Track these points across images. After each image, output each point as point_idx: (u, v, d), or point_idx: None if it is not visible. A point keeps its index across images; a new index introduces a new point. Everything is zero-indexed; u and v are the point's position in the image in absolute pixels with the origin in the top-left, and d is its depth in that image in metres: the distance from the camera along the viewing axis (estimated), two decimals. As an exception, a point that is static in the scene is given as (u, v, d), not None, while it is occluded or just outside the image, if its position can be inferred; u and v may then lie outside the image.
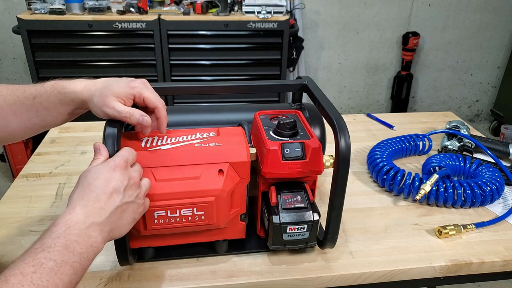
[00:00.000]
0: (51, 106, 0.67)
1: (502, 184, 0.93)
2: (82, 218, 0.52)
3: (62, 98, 0.67)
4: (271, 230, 0.71)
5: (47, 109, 0.67)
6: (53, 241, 0.48)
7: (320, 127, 0.87)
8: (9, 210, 0.87)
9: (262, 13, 2.29)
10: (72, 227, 0.51)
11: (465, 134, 1.12)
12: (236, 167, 0.69)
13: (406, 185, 0.94)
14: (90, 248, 0.52)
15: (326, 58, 3.05)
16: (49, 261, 0.46)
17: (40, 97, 0.67)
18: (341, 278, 0.75)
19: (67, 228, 0.50)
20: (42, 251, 0.47)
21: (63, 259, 0.47)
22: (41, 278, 0.45)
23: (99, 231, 0.53)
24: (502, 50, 3.21)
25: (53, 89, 0.67)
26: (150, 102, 0.66)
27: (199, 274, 0.73)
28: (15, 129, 0.68)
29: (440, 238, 0.83)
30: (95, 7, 2.23)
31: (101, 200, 0.55)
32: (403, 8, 2.96)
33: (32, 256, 0.46)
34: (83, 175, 0.58)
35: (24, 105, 0.67)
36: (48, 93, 0.67)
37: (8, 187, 0.95)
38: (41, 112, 0.67)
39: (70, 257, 0.48)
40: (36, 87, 0.68)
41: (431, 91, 3.30)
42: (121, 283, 0.71)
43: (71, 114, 0.70)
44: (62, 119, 0.70)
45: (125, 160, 0.60)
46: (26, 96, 0.67)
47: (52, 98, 0.67)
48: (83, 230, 0.51)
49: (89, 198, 0.54)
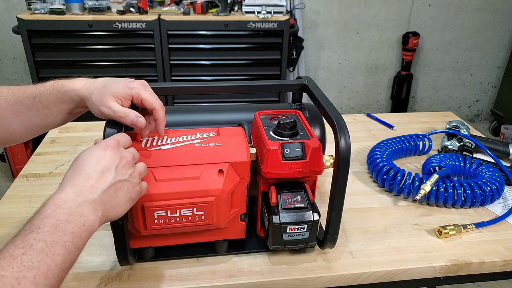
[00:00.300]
0: (51, 104, 0.67)
1: (502, 184, 0.93)
2: (72, 196, 0.51)
3: (62, 96, 0.67)
4: (271, 230, 0.71)
5: (47, 108, 0.67)
6: (42, 221, 0.47)
7: (320, 127, 0.87)
8: (9, 210, 0.87)
9: (262, 13, 2.29)
10: (62, 206, 0.50)
11: (465, 134, 1.12)
12: (236, 167, 0.69)
13: (406, 185, 0.94)
14: (83, 227, 0.50)
15: (326, 58, 3.05)
16: (39, 241, 0.45)
17: (40, 96, 0.67)
18: (341, 278, 0.75)
19: (56, 207, 0.49)
20: (31, 232, 0.46)
21: (53, 239, 0.46)
22: (31, 259, 0.43)
23: (92, 209, 0.52)
24: (502, 50, 3.21)
25: (53, 88, 0.67)
26: (148, 103, 0.66)
27: (199, 274, 0.73)
28: (16, 130, 0.68)
29: (440, 238, 0.83)
30: (95, 7, 2.23)
31: (92, 178, 0.54)
32: (403, 8, 2.96)
33: (21, 238, 0.45)
34: (76, 158, 0.57)
35: (24, 105, 0.67)
36: (48, 92, 0.67)
37: (8, 187, 0.95)
38: (41, 111, 0.67)
39: (61, 236, 0.47)
40: (36, 87, 0.68)
41: (431, 91, 3.30)
42: (121, 283, 0.71)
43: (70, 114, 0.70)
44: (62, 118, 0.70)
45: (117, 140, 0.59)
46: (27, 96, 0.67)
47: (52, 97, 0.67)
48: (73, 208, 0.50)
49: (80, 177, 0.54)
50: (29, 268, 0.43)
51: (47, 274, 0.44)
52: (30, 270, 0.43)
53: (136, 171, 0.60)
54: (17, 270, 0.42)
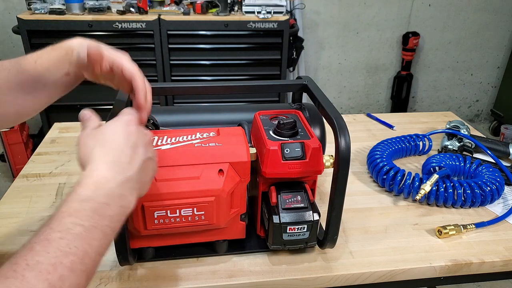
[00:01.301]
0: (51, 64, 0.66)
1: (502, 184, 0.93)
2: (111, 174, 0.48)
3: (59, 52, 0.66)
4: (271, 230, 0.71)
5: (47, 70, 0.66)
6: (81, 204, 0.45)
7: (320, 127, 0.87)
8: (9, 210, 0.87)
9: (262, 13, 2.29)
10: (101, 187, 0.47)
11: (465, 134, 1.12)
12: (236, 167, 0.69)
13: (406, 185, 0.94)
14: (121, 209, 0.48)
15: (326, 58, 3.05)
16: (77, 226, 0.43)
17: (41, 59, 0.66)
18: (341, 278, 0.75)
19: (96, 189, 0.46)
20: (69, 216, 0.43)
21: (92, 223, 0.44)
22: (69, 244, 0.41)
23: (130, 189, 0.50)
24: (502, 50, 3.21)
25: (52, 48, 0.67)
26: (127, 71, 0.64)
27: (199, 274, 0.73)
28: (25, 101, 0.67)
29: (440, 238, 0.83)
30: (95, 7, 2.23)
31: (127, 154, 0.51)
32: (403, 8, 2.96)
33: (58, 220, 0.43)
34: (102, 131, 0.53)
35: (27, 72, 0.65)
36: (48, 52, 0.66)
37: (8, 187, 0.95)
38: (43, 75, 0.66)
39: (99, 220, 0.45)
40: (35, 53, 0.67)
41: (431, 91, 3.30)
42: (121, 283, 0.71)
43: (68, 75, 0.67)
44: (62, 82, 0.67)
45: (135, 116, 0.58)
46: (29, 62, 0.66)
47: (52, 56, 0.66)
48: (114, 189, 0.48)
49: (114, 154, 0.50)
50: (66, 254, 0.41)
51: (83, 259, 0.42)
52: (67, 255, 0.41)
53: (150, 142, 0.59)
54: (53, 255, 0.40)
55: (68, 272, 0.40)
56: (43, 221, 0.84)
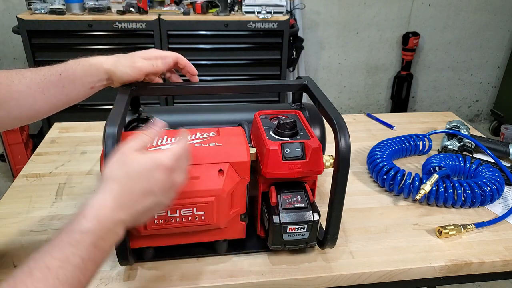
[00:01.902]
0: (77, 78, 0.72)
1: (502, 184, 0.93)
2: (112, 214, 0.51)
3: (87, 69, 0.73)
4: (271, 230, 0.71)
5: (72, 83, 0.72)
6: (82, 236, 0.48)
7: (320, 127, 0.87)
8: (9, 210, 0.87)
9: (262, 13, 2.29)
10: (102, 223, 0.50)
11: (465, 134, 1.12)
12: (236, 167, 0.69)
13: (406, 185, 0.94)
14: (114, 243, 0.52)
15: (326, 58, 3.05)
16: (76, 257, 0.46)
17: (66, 72, 0.72)
18: (341, 278, 0.75)
19: (97, 222, 0.49)
20: (70, 246, 0.47)
21: (89, 256, 0.47)
22: (66, 274, 0.45)
23: (124, 226, 0.53)
24: (502, 50, 3.21)
25: (78, 63, 0.73)
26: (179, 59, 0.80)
27: (199, 274, 0.73)
28: (42, 107, 0.72)
29: (440, 238, 0.83)
30: (95, 7, 2.23)
31: (134, 197, 0.53)
32: (403, 8, 2.96)
33: (58, 249, 0.46)
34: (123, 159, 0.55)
35: (51, 82, 0.71)
36: (74, 68, 0.73)
37: (8, 187, 0.95)
38: (67, 86, 0.72)
39: (96, 254, 0.48)
40: (60, 65, 0.73)
41: (431, 91, 3.30)
42: (121, 283, 0.71)
43: (92, 88, 0.75)
44: (84, 93, 0.74)
45: (177, 158, 0.57)
46: (53, 74, 0.72)
47: (78, 71, 0.72)
48: (111, 228, 0.51)
49: (124, 191, 0.53)
50: (62, 283, 0.44)
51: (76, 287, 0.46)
52: (63, 284, 0.44)
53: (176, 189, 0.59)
54: (52, 283, 0.43)
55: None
56: (43, 221, 0.84)
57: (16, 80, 0.69)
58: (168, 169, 0.56)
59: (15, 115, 0.70)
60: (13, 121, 0.71)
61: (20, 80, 0.70)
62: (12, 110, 0.69)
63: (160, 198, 0.56)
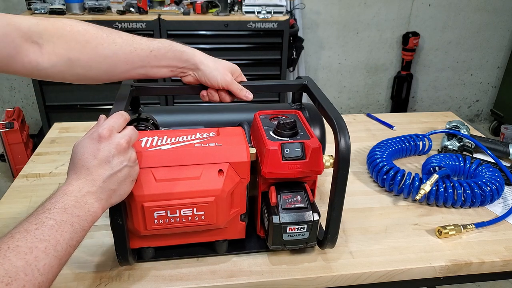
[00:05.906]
0: (164, 60, 0.75)
1: (502, 184, 0.93)
2: (77, 188, 0.57)
3: (179, 55, 0.76)
4: (271, 230, 0.71)
5: (158, 62, 0.75)
6: (53, 204, 0.54)
7: (320, 127, 0.87)
8: (9, 210, 0.88)
9: (262, 13, 2.29)
10: (69, 195, 0.56)
11: (465, 134, 1.12)
12: (236, 167, 0.69)
13: (406, 185, 0.94)
14: (88, 212, 0.56)
15: (326, 58, 3.05)
16: (50, 220, 0.52)
17: (158, 51, 0.74)
18: (341, 278, 0.75)
19: (65, 195, 0.55)
20: (43, 212, 0.53)
21: (62, 218, 0.53)
22: (43, 233, 0.50)
23: (95, 198, 0.57)
24: (502, 50, 3.21)
25: (171, 46, 0.76)
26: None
27: (199, 274, 0.73)
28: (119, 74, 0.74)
29: (440, 238, 0.83)
30: (95, 7, 2.23)
31: (92, 172, 0.58)
32: (403, 8, 2.96)
33: (34, 216, 0.52)
34: (73, 149, 0.61)
35: (138, 56, 0.73)
36: (167, 49, 0.75)
37: (8, 187, 0.95)
38: (152, 63, 0.74)
39: (68, 217, 0.53)
40: (152, 41, 0.75)
41: (431, 91, 3.30)
42: (121, 283, 0.71)
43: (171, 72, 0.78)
44: (161, 74, 0.77)
45: (109, 129, 0.61)
46: (143, 49, 0.73)
47: (169, 54, 0.75)
48: (79, 197, 0.56)
49: (81, 172, 0.58)
50: (40, 240, 0.49)
51: (56, 247, 0.50)
52: (42, 242, 0.49)
53: (133, 153, 0.62)
54: (30, 241, 0.49)
55: (43, 255, 0.49)
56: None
57: (105, 44, 0.70)
58: (105, 137, 0.60)
59: (92, 76, 0.72)
60: (89, 80, 0.73)
61: (110, 45, 0.71)
62: (91, 70, 0.71)
63: (116, 163, 0.59)
